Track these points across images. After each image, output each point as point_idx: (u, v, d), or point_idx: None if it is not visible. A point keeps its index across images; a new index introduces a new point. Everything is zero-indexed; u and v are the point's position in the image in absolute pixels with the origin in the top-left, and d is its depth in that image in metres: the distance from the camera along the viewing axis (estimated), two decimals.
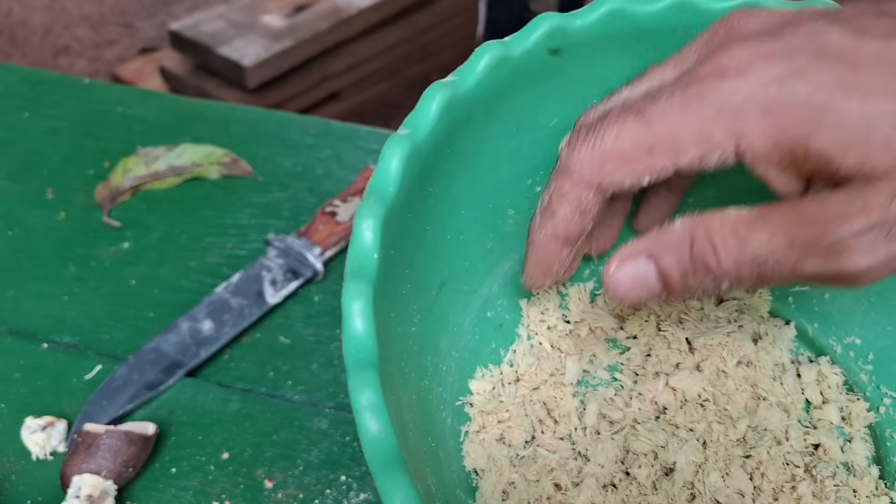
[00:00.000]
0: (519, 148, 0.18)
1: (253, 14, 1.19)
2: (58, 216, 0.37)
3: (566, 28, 0.16)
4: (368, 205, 0.13)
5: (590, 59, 0.17)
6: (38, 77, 0.46)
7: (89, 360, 0.30)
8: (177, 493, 0.26)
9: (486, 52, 0.15)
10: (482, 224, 0.18)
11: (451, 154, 0.16)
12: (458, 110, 0.15)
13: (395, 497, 0.12)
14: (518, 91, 0.16)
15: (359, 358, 0.13)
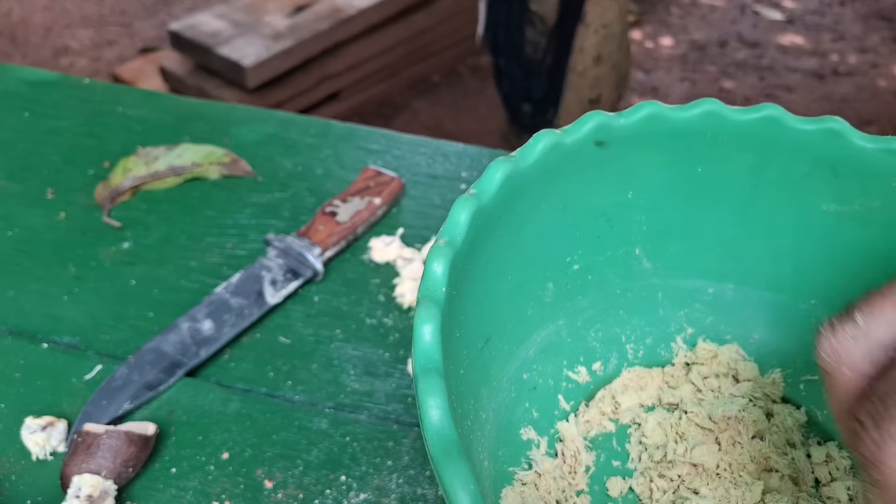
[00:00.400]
0: (562, 226, 0.20)
1: (253, 14, 1.19)
2: (58, 216, 0.37)
3: (611, 125, 0.19)
4: (440, 248, 0.16)
5: (629, 153, 0.20)
6: (39, 77, 0.46)
7: (89, 360, 0.30)
8: (177, 493, 0.26)
9: (543, 137, 0.18)
10: (524, 292, 0.20)
11: (505, 220, 0.18)
12: (515, 182, 0.17)
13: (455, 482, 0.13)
14: (567, 174, 0.19)
15: (427, 367, 0.14)
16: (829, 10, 1.66)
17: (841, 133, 0.19)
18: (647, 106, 0.19)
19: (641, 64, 1.48)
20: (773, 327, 0.23)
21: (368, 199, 0.36)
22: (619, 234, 0.22)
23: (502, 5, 0.75)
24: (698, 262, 0.22)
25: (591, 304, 0.22)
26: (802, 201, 0.21)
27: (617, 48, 0.80)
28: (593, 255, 0.22)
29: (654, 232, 0.21)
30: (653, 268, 0.22)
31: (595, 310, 0.22)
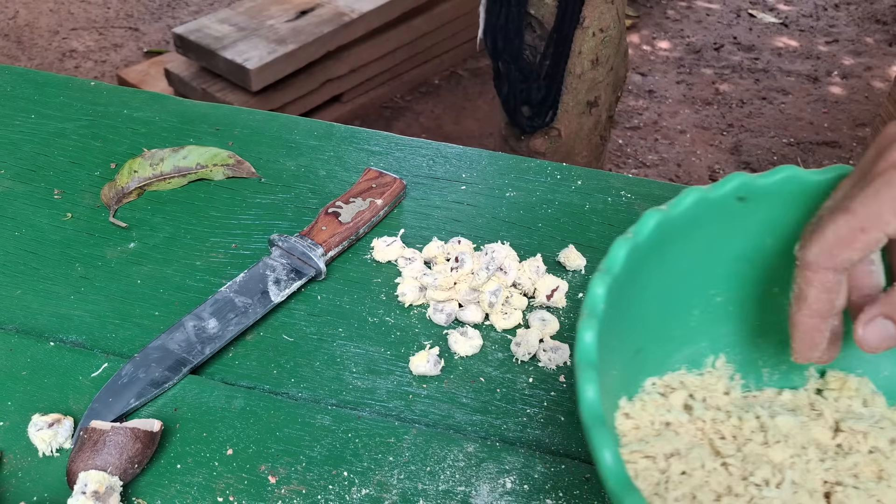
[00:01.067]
0: (706, 264, 0.24)
1: (257, 18, 1.20)
2: (64, 217, 0.37)
3: (752, 184, 0.22)
4: (602, 275, 0.20)
5: (768, 207, 0.23)
6: (45, 79, 0.47)
7: (95, 359, 0.30)
8: (182, 488, 0.26)
9: (691, 193, 0.22)
10: (672, 315, 0.24)
11: (656, 257, 0.22)
12: (665, 228, 0.21)
13: (602, 447, 0.17)
14: (711, 223, 0.23)
15: (586, 362, 0.19)
16: (824, 14, 1.66)
17: None
18: (785, 170, 0.22)
19: (638, 67, 1.48)
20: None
21: (370, 200, 0.37)
22: (758, 275, 0.24)
23: (501, 9, 0.76)
24: None
25: (731, 331, 0.25)
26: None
27: (614, 51, 0.80)
28: (735, 291, 0.25)
29: (791, 275, 0.23)
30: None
31: (735, 337, 0.25)
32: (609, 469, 0.17)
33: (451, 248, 0.34)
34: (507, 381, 0.30)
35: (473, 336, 0.31)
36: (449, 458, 0.27)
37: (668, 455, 0.22)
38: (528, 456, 0.27)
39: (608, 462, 0.17)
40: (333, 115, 1.26)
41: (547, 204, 0.39)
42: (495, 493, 0.26)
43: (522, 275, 0.33)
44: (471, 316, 0.32)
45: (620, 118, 1.34)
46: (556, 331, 0.32)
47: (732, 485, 0.22)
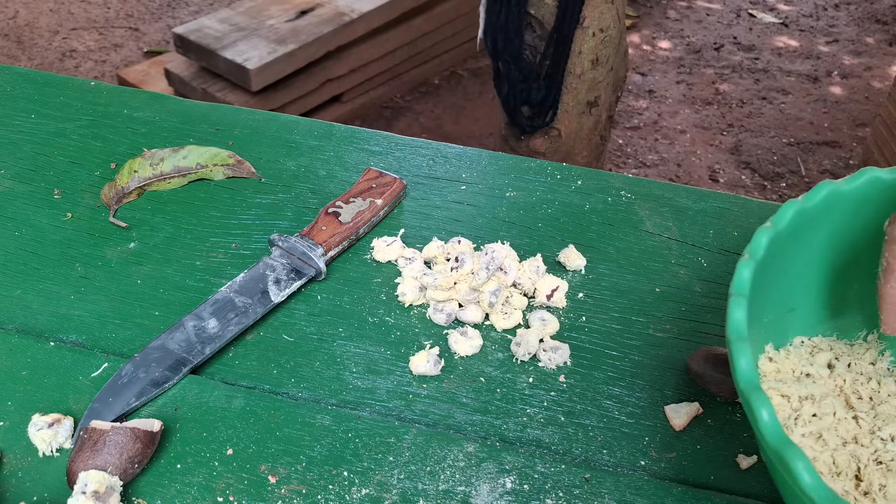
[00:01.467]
0: (874, 244, 0.25)
1: (257, 18, 1.20)
2: (64, 216, 0.37)
3: (839, 189, 0.25)
4: (746, 261, 0.23)
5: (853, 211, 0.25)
6: (45, 79, 0.47)
7: (95, 359, 0.30)
8: (182, 488, 0.26)
9: (792, 205, 0.24)
10: (831, 284, 0.26)
11: (792, 244, 0.24)
12: (802, 217, 0.24)
13: (760, 408, 0.19)
14: (880, 205, 0.25)
15: (739, 336, 0.21)
16: (824, 14, 1.66)
17: None
18: (869, 171, 0.24)
19: (638, 67, 1.48)
20: None
21: (370, 200, 0.37)
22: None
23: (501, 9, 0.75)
24: None
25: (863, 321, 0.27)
26: None
27: (614, 51, 0.80)
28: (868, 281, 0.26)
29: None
30: None
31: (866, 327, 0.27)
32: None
33: (451, 248, 0.34)
34: (507, 381, 0.30)
35: (473, 336, 0.31)
36: (449, 458, 0.27)
37: (803, 398, 0.24)
38: (528, 456, 0.27)
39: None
40: (333, 115, 1.26)
41: (547, 204, 0.39)
42: (495, 493, 0.26)
43: (522, 275, 0.33)
44: (471, 316, 0.32)
45: (620, 118, 1.34)
46: (556, 331, 0.32)
47: (859, 436, 0.23)
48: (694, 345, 0.32)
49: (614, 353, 0.31)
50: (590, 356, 0.31)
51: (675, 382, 0.30)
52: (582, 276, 0.35)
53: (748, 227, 0.38)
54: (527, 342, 0.30)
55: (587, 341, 0.32)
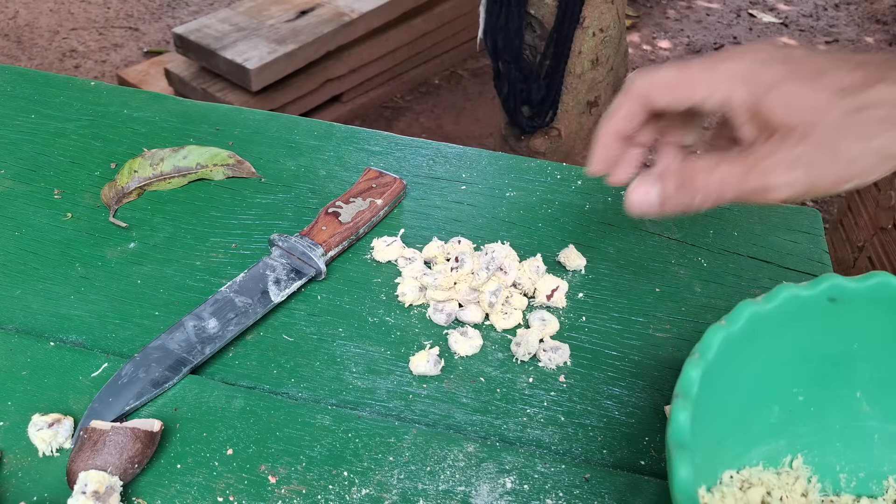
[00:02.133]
0: (792, 362, 0.24)
1: (257, 18, 1.20)
2: (64, 216, 0.37)
3: (843, 286, 0.23)
4: (696, 360, 0.21)
5: (858, 311, 0.23)
6: (45, 79, 0.47)
7: (95, 359, 0.30)
8: (182, 488, 0.26)
9: (785, 289, 0.22)
10: (754, 409, 0.25)
11: (745, 349, 0.22)
12: (757, 320, 0.22)
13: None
14: (800, 321, 0.23)
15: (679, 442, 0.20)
16: (824, 14, 1.66)
17: None
18: (878, 276, 0.23)
19: (638, 66, 1.48)
20: None
21: (370, 200, 0.37)
22: (842, 377, 0.25)
23: (501, 9, 0.75)
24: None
25: (811, 432, 0.26)
26: None
27: (614, 51, 0.80)
28: (817, 391, 0.25)
29: (876, 380, 0.24)
30: (871, 411, 0.25)
31: (814, 438, 0.26)
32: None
33: (451, 248, 0.34)
34: (507, 381, 0.30)
35: (473, 336, 0.31)
36: (449, 458, 0.27)
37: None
38: (528, 456, 0.27)
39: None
40: (333, 115, 1.26)
41: (547, 204, 0.39)
42: (495, 493, 0.26)
43: (522, 275, 0.33)
44: (471, 316, 0.32)
45: None
46: (556, 331, 0.32)
47: None
48: (694, 345, 0.32)
49: (614, 353, 0.31)
50: (590, 356, 0.31)
51: (675, 382, 0.30)
52: (582, 276, 0.35)
53: (748, 227, 0.38)
54: (527, 342, 0.30)
55: (587, 341, 0.32)
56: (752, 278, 0.35)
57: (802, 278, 0.35)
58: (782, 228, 0.38)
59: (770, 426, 0.25)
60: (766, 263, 0.36)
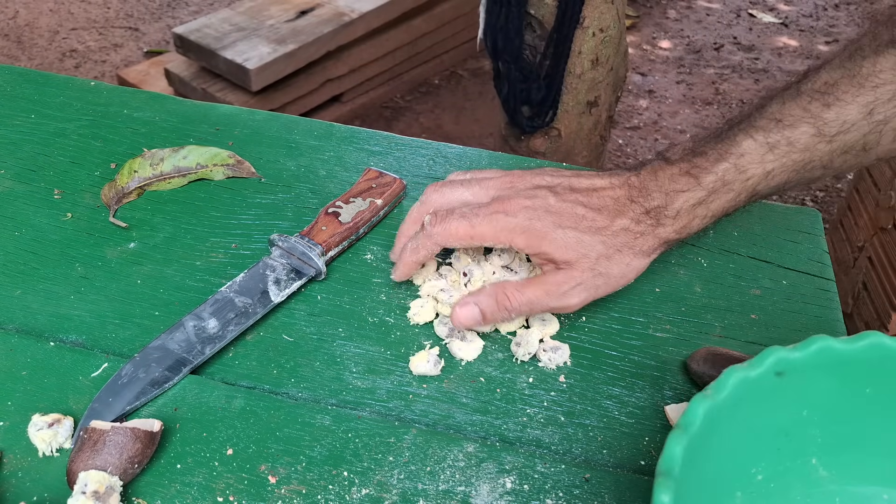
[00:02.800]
0: (747, 443, 0.24)
1: (257, 18, 1.20)
2: (64, 217, 0.37)
3: (788, 358, 0.23)
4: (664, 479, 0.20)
5: (804, 379, 0.23)
6: (45, 79, 0.47)
7: (95, 359, 0.30)
8: (182, 488, 0.26)
9: (733, 374, 0.22)
10: (718, 501, 0.24)
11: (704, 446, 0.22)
12: (712, 414, 0.22)
13: None
14: (751, 400, 0.23)
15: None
16: (824, 14, 1.66)
17: None
18: (819, 340, 0.23)
19: (638, 66, 1.48)
20: None
21: (370, 200, 0.37)
22: (796, 447, 0.25)
23: (501, 10, 0.75)
24: (872, 470, 0.25)
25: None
26: None
27: (614, 51, 0.80)
28: (774, 466, 0.25)
29: (829, 443, 0.24)
30: (829, 475, 0.25)
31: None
32: None
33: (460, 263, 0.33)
34: (507, 381, 0.30)
35: (473, 339, 0.31)
36: (449, 458, 0.27)
37: None
38: (528, 456, 0.27)
39: None
40: (333, 115, 1.26)
41: None
42: (495, 493, 0.26)
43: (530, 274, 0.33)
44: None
45: (620, 118, 1.34)
46: (556, 331, 0.32)
47: None
48: (694, 345, 0.32)
49: (614, 353, 0.31)
50: (590, 356, 0.31)
51: (675, 382, 0.30)
52: None
53: (748, 227, 0.38)
54: (527, 342, 0.30)
55: (587, 341, 0.32)
56: (752, 278, 0.35)
57: (802, 278, 0.35)
58: (782, 228, 0.38)
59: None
60: (766, 263, 0.36)
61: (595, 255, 0.28)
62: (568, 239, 0.28)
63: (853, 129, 0.27)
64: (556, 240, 0.28)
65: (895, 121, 0.27)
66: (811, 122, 0.27)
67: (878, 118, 0.26)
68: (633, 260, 0.29)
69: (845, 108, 0.26)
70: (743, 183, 0.28)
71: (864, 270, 0.82)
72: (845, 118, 0.27)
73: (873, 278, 0.80)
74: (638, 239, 0.29)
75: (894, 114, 0.26)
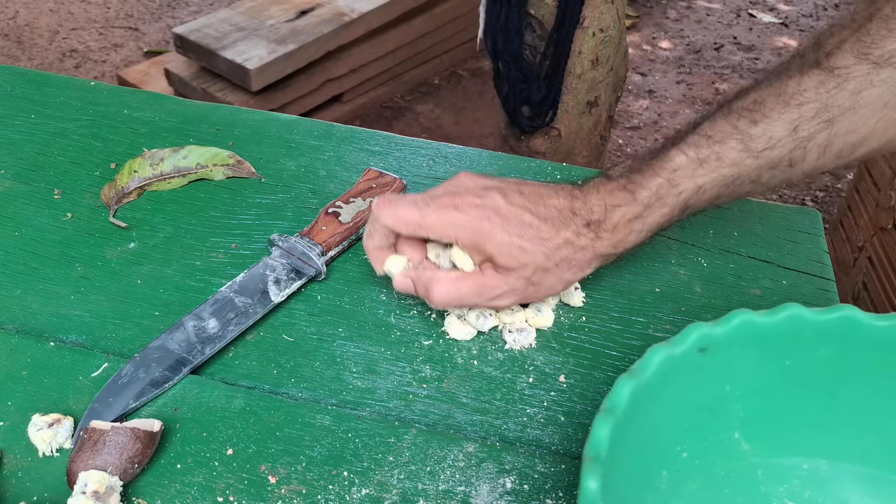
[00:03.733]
0: (672, 421, 0.24)
1: (257, 18, 1.20)
2: (64, 216, 0.37)
3: (711, 333, 0.23)
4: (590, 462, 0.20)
5: (726, 354, 0.23)
6: (45, 79, 0.47)
7: (95, 359, 0.30)
8: (182, 488, 0.26)
9: (657, 352, 0.22)
10: (644, 482, 0.24)
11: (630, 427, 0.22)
12: (638, 394, 0.21)
13: None
14: (675, 378, 0.23)
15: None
16: (824, 14, 1.66)
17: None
18: (740, 314, 0.23)
19: (638, 66, 1.48)
20: (868, 498, 0.25)
21: (370, 200, 0.37)
22: (719, 422, 0.25)
23: (501, 10, 0.75)
24: (792, 441, 0.25)
25: (700, 486, 0.25)
26: (882, 384, 0.24)
27: (614, 51, 0.80)
28: (699, 443, 0.25)
29: (750, 417, 0.24)
30: (751, 448, 0.25)
31: (704, 492, 0.25)
32: None
33: None
34: (507, 381, 0.30)
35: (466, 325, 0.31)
36: (449, 458, 0.27)
37: None
38: (528, 456, 0.27)
39: None
40: (333, 115, 1.26)
41: None
42: (495, 493, 0.26)
43: None
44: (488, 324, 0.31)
45: (620, 118, 1.34)
46: (550, 324, 0.32)
47: None
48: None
49: (614, 353, 0.31)
50: (590, 356, 0.31)
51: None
52: None
53: (748, 227, 0.38)
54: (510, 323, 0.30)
55: (587, 341, 0.32)
56: (752, 278, 0.35)
57: (802, 278, 0.35)
58: (782, 228, 0.38)
59: (661, 493, 0.24)
60: (766, 263, 0.36)
61: (534, 266, 0.28)
62: (512, 246, 0.28)
63: (779, 145, 0.27)
64: (502, 244, 0.28)
65: (819, 137, 0.27)
66: (739, 139, 0.27)
67: (803, 134, 0.27)
68: (567, 273, 0.29)
69: (771, 125, 0.27)
70: (676, 197, 0.28)
71: (864, 270, 0.82)
72: (771, 134, 0.27)
73: (873, 278, 0.80)
74: (578, 253, 0.29)
75: (818, 131, 0.27)
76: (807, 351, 0.23)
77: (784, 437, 0.25)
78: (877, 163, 0.83)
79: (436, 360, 0.31)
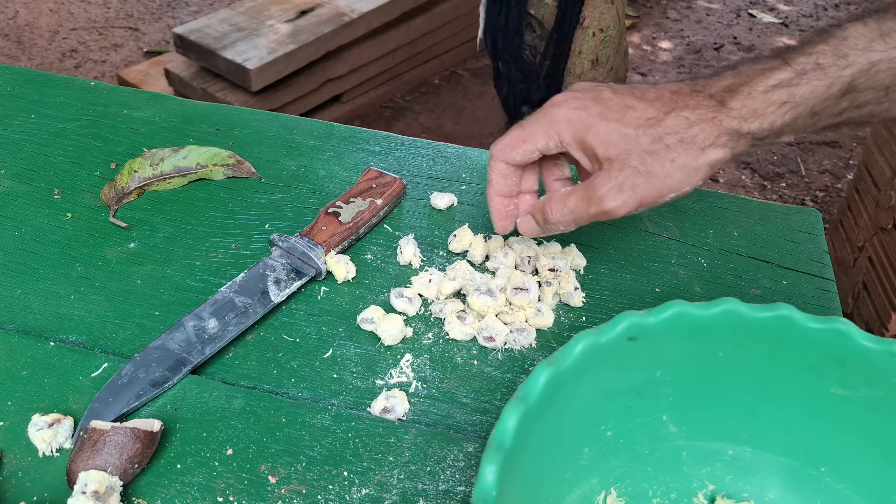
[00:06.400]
0: (597, 402, 0.24)
1: (257, 18, 1.20)
2: (64, 217, 0.37)
3: (642, 323, 0.23)
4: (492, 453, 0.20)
5: (658, 343, 0.23)
6: (45, 79, 0.47)
7: (95, 359, 0.30)
8: (182, 488, 0.26)
9: (581, 340, 0.22)
10: (563, 459, 0.24)
11: (548, 411, 0.22)
12: (556, 381, 0.21)
13: None
14: (602, 365, 0.23)
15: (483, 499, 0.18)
16: (824, 14, 1.66)
17: (847, 334, 0.22)
18: (674, 306, 0.23)
19: (638, 67, 1.49)
20: (787, 489, 0.25)
21: (370, 200, 0.37)
22: (648, 405, 0.25)
23: (501, 10, 0.75)
24: (720, 427, 0.25)
25: (622, 463, 0.25)
26: (812, 383, 0.24)
27: (614, 51, 0.80)
28: (625, 423, 0.25)
29: (680, 402, 0.25)
30: (678, 431, 0.25)
31: (625, 468, 0.25)
32: None
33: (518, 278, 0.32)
34: (507, 381, 0.30)
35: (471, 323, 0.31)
36: (449, 458, 0.27)
37: None
38: None
39: None
40: (333, 115, 1.26)
41: None
42: None
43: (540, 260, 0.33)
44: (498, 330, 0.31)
45: None
46: (550, 325, 0.32)
47: None
48: None
49: None
50: None
51: None
52: (582, 276, 0.35)
53: (748, 227, 0.38)
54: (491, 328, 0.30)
55: None
56: (752, 278, 0.35)
57: (802, 278, 0.35)
58: (782, 228, 0.38)
59: (581, 468, 0.24)
60: (766, 263, 0.36)
61: (639, 151, 0.25)
62: (611, 132, 0.25)
63: None
64: (600, 132, 0.25)
65: None
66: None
67: None
68: (683, 157, 0.25)
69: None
70: (840, 70, 0.23)
71: (864, 270, 0.82)
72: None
73: (873, 278, 0.80)
74: (692, 128, 0.24)
75: None
76: (741, 345, 0.23)
77: (712, 423, 0.25)
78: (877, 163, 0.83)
79: (436, 360, 0.31)
